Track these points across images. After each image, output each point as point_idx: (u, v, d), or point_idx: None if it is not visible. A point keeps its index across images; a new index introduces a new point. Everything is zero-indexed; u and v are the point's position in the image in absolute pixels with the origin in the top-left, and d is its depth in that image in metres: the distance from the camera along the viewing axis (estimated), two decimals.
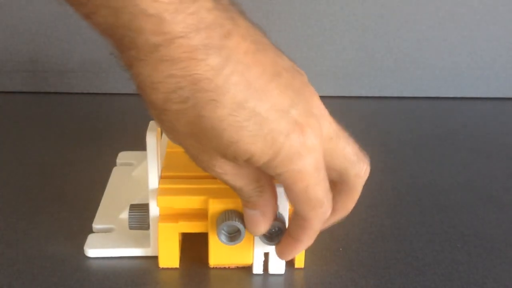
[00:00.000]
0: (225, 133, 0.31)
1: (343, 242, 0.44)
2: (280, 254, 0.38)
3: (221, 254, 0.40)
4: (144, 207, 0.40)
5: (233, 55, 0.30)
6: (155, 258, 0.41)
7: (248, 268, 0.41)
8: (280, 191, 0.37)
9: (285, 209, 0.38)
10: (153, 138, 0.38)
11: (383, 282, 0.40)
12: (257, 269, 0.40)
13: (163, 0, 0.29)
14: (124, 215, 0.43)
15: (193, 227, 0.39)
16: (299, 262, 0.41)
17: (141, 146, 0.41)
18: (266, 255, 0.40)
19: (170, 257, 0.40)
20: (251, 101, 0.31)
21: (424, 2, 0.70)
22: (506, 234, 0.46)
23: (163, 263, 0.41)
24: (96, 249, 0.41)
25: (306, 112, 0.32)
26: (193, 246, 0.42)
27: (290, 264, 0.41)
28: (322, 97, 0.36)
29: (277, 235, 0.38)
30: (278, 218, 0.37)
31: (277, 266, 0.40)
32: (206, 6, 0.30)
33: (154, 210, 0.40)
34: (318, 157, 0.33)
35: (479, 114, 0.71)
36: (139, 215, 0.41)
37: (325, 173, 0.34)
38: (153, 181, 0.39)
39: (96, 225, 0.44)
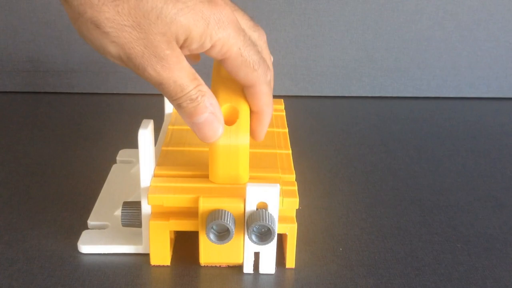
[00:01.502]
0: (165, 10, 0.33)
1: (343, 242, 0.44)
2: (253, 134, 0.40)
3: (211, 252, 0.40)
4: (137, 205, 0.41)
5: None
6: (147, 256, 0.41)
7: (239, 267, 0.41)
8: (272, 190, 0.38)
9: (275, 209, 0.38)
10: (145, 136, 0.38)
11: (383, 282, 0.40)
12: (248, 268, 0.40)
13: None
14: (119, 212, 0.43)
15: (184, 225, 0.39)
16: (290, 263, 0.41)
17: None
18: (257, 254, 0.40)
19: (161, 255, 0.40)
20: None
21: (424, 2, 0.70)
22: (506, 234, 0.46)
23: (154, 260, 0.41)
24: (89, 246, 0.42)
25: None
26: (186, 244, 0.42)
27: (280, 264, 0.41)
28: (322, 97, 0.37)
29: (266, 235, 0.38)
30: (268, 218, 0.38)
31: (268, 266, 0.40)
32: None
33: (145, 208, 0.40)
34: (238, 25, 0.36)
35: (479, 114, 0.71)
36: (132, 213, 0.41)
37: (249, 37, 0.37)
38: (145, 179, 0.40)
39: (91, 222, 0.44)
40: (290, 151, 0.45)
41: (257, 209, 0.38)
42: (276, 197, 0.38)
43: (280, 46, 0.71)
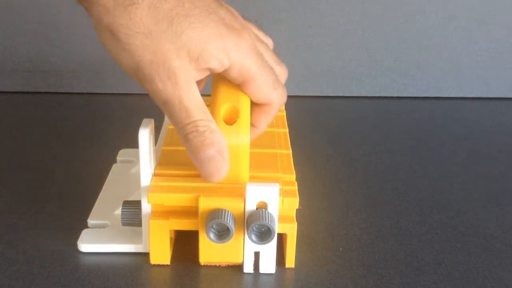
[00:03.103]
0: (176, 21, 0.33)
1: (343, 242, 0.44)
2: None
3: (211, 252, 0.40)
4: (137, 204, 0.41)
5: None
6: (146, 255, 0.41)
7: (239, 267, 0.41)
8: (272, 189, 0.38)
9: (275, 209, 0.38)
10: (145, 136, 0.38)
11: (383, 282, 0.40)
12: (248, 268, 0.40)
13: None
14: (119, 211, 0.43)
15: (183, 224, 0.39)
16: (290, 262, 0.41)
17: None
18: (257, 254, 0.40)
19: (161, 254, 0.40)
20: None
21: (424, 2, 0.70)
22: (506, 234, 0.46)
23: (154, 259, 0.41)
24: (89, 244, 0.42)
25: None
26: (186, 244, 0.42)
27: (280, 264, 0.41)
28: (322, 97, 0.37)
29: (266, 234, 0.38)
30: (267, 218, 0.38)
31: (268, 266, 0.40)
32: None
33: (145, 207, 0.40)
34: (256, 49, 0.36)
35: (479, 114, 0.71)
36: (132, 212, 0.41)
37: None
38: (145, 178, 0.40)
39: (91, 221, 0.44)
40: (290, 151, 0.45)
41: (257, 208, 0.38)
42: (276, 197, 0.38)
43: (280, 46, 0.71)
